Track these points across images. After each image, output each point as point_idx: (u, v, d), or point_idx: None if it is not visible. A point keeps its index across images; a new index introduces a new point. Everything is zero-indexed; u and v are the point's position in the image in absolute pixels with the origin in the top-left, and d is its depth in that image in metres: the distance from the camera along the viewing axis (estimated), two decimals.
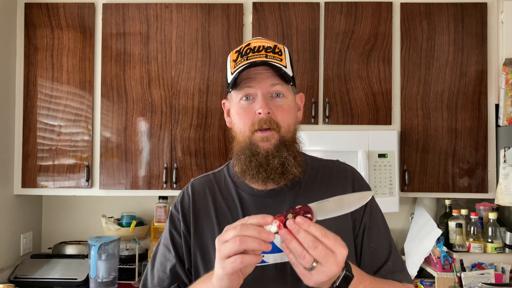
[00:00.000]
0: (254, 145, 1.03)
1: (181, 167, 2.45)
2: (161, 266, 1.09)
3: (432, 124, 2.42)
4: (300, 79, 2.44)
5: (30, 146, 2.49)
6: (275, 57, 1.04)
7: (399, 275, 1.04)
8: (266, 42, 1.07)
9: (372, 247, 1.04)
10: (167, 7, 2.49)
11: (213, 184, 1.13)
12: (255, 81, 1.04)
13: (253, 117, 1.03)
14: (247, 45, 1.07)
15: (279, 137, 1.03)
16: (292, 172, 1.03)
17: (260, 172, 1.01)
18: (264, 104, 1.02)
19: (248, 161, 1.03)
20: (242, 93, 1.05)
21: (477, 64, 2.43)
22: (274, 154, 1.02)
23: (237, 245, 0.80)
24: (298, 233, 0.80)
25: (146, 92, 2.47)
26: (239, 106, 1.06)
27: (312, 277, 0.80)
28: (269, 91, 1.04)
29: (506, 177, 2.24)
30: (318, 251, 0.79)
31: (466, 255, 2.21)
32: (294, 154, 1.04)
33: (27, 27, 2.52)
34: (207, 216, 1.09)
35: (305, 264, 0.80)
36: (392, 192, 2.34)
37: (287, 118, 1.05)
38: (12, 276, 2.42)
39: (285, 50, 1.08)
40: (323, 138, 2.37)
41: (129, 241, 2.58)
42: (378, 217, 1.11)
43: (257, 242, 0.81)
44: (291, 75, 1.06)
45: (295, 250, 0.80)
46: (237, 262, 0.81)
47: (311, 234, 0.80)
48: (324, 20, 2.46)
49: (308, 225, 0.80)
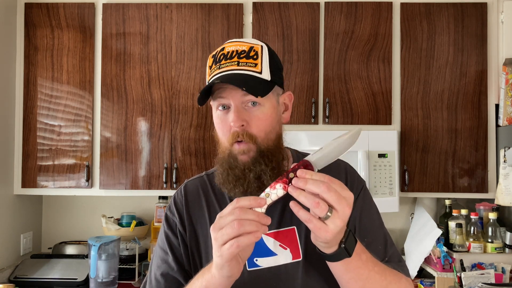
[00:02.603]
0: (233, 158, 1.00)
1: (181, 167, 2.45)
2: (158, 270, 1.07)
3: (432, 124, 2.42)
4: (300, 79, 2.44)
5: (30, 146, 2.49)
6: (248, 63, 0.99)
7: (395, 266, 1.02)
8: (241, 45, 1.02)
9: (366, 242, 1.01)
10: (167, 7, 2.49)
11: (206, 185, 1.12)
12: (226, 91, 0.99)
13: (229, 127, 1.00)
14: (222, 49, 1.03)
15: (257, 149, 0.99)
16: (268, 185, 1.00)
17: (237, 186, 0.99)
18: (236, 117, 0.97)
19: (226, 174, 1.01)
20: (216, 102, 1.02)
21: (477, 64, 2.43)
22: (250, 168, 0.98)
23: (236, 229, 0.80)
24: (307, 184, 0.80)
25: (146, 92, 2.47)
26: (217, 116, 1.03)
27: (328, 226, 0.80)
28: (243, 100, 0.99)
29: (506, 177, 2.24)
30: (332, 193, 0.79)
31: (466, 255, 2.21)
32: (272, 166, 1.00)
33: (27, 27, 2.52)
34: (201, 217, 1.08)
35: (321, 213, 0.80)
36: (392, 192, 2.34)
37: (264, 127, 1.00)
38: (12, 276, 2.42)
39: (263, 50, 1.02)
40: (323, 138, 2.37)
41: (129, 241, 2.58)
42: (373, 211, 1.09)
43: (254, 224, 0.80)
44: (268, 79, 1.00)
45: (307, 201, 0.80)
46: (233, 246, 0.80)
47: (318, 180, 0.80)
48: (324, 20, 2.46)
49: (311, 174, 0.81)
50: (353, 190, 1.07)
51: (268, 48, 1.04)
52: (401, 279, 0.99)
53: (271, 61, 1.03)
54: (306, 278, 1.00)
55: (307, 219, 0.81)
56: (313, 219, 0.81)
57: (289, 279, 1.00)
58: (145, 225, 2.67)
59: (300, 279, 1.00)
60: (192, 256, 1.07)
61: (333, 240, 0.84)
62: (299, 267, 1.00)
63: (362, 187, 1.10)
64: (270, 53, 1.04)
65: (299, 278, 1.00)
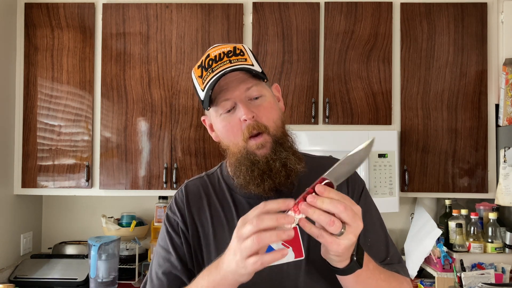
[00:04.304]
0: (251, 154, 1.00)
1: (181, 167, 2.45)
2: (160, 269, 1.07)
3: (432, 124, 2.42)
4: (300, 79, 2.44)
5: (30, 146, 2.49)
6: (238, 59, 1.02)
7: (397, 267, 1.04)
8: (224, 47, 1.04)
9: (369, 242, 1.03)
10: (167, 7, 2.49)
11: (207, 186, 1.12)
12: (229, 91, 1.01)
13: (240, 125, 1.01)
14: (207, 56, 1.04)
15: (272, 139, 1.00)
16: (296, 169, 1.01)
17: (265, 180, 0.99)
18: (246, 110, 0.99)
19: (250, 171, 1.00)
20: (221, 108, 1.03)
21: (477, 64, 2.43)
22: (273, 158, 0.99)
23: (256, 245, 0.79)
24: (323, 203, 0.79)
25: (146, 92, 2.47)
26: (222, 120, 1.04)
27: (341, 241, 0.79)
28: (246, 95, 1.02)
29: (506, 177, 2.24)
30: (349, 211, 0.79)
31: (466, 255, 2.21)
32: (292, 150, 1.02)
33: (27, 27, 2.52)
34: (202, 217, 1.08)
35: (335, 231, 0.79)
36: (392, 192, 2.34)
37: (271, 116, 1.02)
38: (12, 276, 2.42)
39: (246, 48, 1.06)
40: (323, 138, 2.37)
41: (129, 241, 2.58)
42: (373, 212, 1.10)
43: (275, 235, 0.78)
44: (260, 70, 1.04)
45: (321, 220, 0.79)
46: (258, 263, 0.79)
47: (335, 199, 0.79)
48: (324, 20, 2.46)
49: (329, 192, 0.80)
50: (355, 192, 1.09)
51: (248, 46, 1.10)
52: (403, 283, 1.01)
53: (254, 56, 1.07)
54: (309, 276, 1.00)
55: (319, 234, 0.80)
56: (325, 234, 0.80)
57: (292, 277, 1.00)
58: (145, 225, 2.67)
59: (302, 277, 1.00)
60: (194, 254, 1.06)
61: (345, 254, 0.83)
62: (301, 265, 1.00)
63: (363, 188, 1.11)
64: (250, 50, 1.08)
65: (302, 276, 1.00)
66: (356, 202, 1.05)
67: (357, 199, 1.08)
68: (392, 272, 0.99)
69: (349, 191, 1.08)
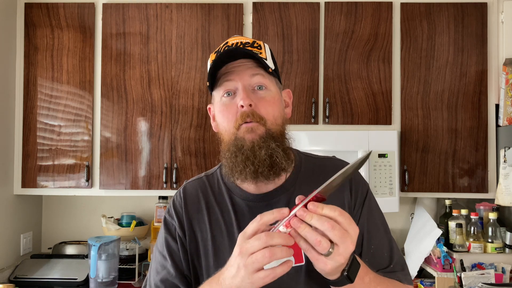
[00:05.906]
0: (239, 139, 0.96)
1: (181, 167, 2.45)
2: (158, 275, 1.05)
3: (432, 124, 2.42)
4: (300, 79, 2.44)
5: (30, 146, 2.49)
6: (254, 50, 1.00)
7: (399, 275, 1.02)
8: (244, 38, 1.03)
9: (372, 249, 1.01)
10: (167, 7, 2.49)
11: (206, 188, 1.10)
12: (234, 73, 0.99)
13: (236, 111, 0.98)
14: (225, 43, 1.03)
15: (265, 130, 0.97)
16: (282, 166, 0.97)
17: (247, 166, 0.95)
18: (245, 95, 0.96)
19: (233, 156, 0.97)
20: (222, 89, 1.00)
21: (477, 64, 2.43)
22: (260, 145, 0.95)
23: (267, 259, 0.77)
24: (311, 219, 0.76)
25: (146, 92, 2.47)
26: (221, 104, 1.01)
27: (328, 261, 0.77)
28: (250, 83, 0.99)
29: (506, 177, 2.24)
30: (337, 231, 0.75)
31: (466, 255, 2.21)
32: (282, 147, 0.98)
33: (27, 27, 2.52)
34: (200, 220, 1.06)
35: (322, 251, 0.77)
36: (392, 192, 2.34)
37: (271, 110, 0.99)
38: (12, 276, 2.42)
39: (266, 46, 1.04)
40: (323, 138, 2.37)
41: (129, 241, 2.58)
42: (377, 217, 1.07)
43: (285, 251, 0.77)
44: (273, 67, 1.01)
45: (308, 237, 0.76)
46: (269, 277, 0.78)
47: (327, 216, 0.76)
48: (324, 20, 2.46)
49: (322, 208, 0.77)
50: (358, 196, 1.06)
51: (269, 47, 1.07)
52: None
53: (272, 57, 1.05)
54: (309, 282, 0.99)
55: (307, 249, 0.78)
56: (312, 250, 0.78)
57: (292, 283, 0.99)
58: (145, 225, 2.67)
59: (302, 283, 0.99)
60: (191, 260, 1.05)
61: (333, 272, 0.81)
62: (301, 271, 0.99)
63: (367, 191, 1.08)
64: (271, 51, 1.06)
65: (302, 282, 0.99)
66: (359, 207, 1.04)
67: (361, 204, 1.05)
68: (393, 281, 0.97)
69: (352, 194, 1.05)
